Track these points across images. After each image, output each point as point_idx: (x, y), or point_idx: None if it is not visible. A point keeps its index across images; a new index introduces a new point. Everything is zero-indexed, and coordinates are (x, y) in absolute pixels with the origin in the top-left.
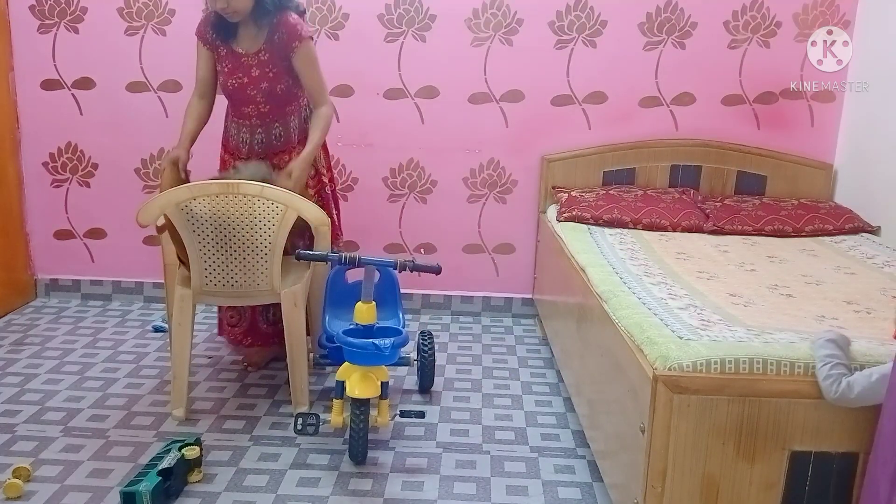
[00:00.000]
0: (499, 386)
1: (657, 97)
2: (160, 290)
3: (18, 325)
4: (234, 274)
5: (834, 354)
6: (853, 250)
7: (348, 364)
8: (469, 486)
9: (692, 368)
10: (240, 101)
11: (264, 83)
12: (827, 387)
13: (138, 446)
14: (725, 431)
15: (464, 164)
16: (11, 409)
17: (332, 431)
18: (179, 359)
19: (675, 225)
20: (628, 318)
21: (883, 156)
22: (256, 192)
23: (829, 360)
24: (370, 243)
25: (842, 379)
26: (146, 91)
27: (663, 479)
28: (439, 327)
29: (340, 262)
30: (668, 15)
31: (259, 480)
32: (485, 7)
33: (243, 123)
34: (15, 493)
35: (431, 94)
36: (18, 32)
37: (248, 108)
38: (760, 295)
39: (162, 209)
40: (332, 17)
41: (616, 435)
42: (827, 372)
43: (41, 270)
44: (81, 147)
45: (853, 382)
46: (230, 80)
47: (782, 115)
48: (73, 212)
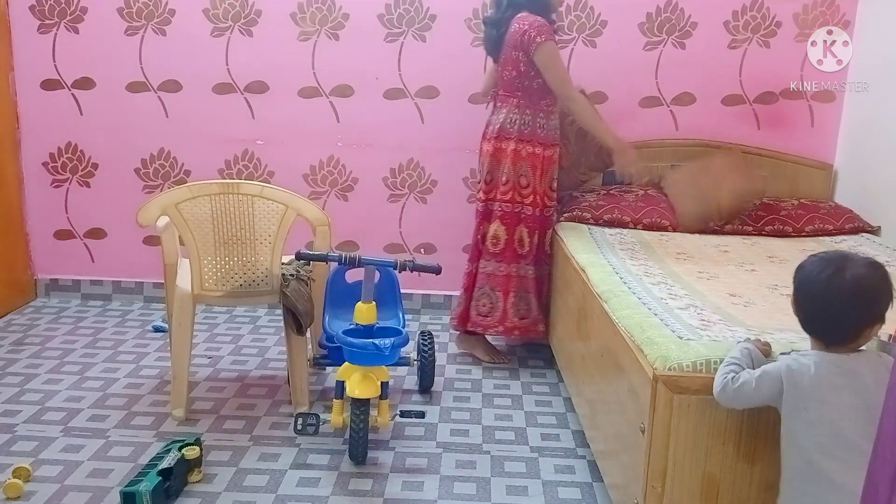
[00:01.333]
0: (499, 386)
1: (657, 97)
2: (160, 290)
3: (18, 325)
4: (235, 274)
5: (738, 359)
6: (853, 250)
7: (348, 364)
8: (469, 486)
9: (692, 368)
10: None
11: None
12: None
13: (138, 446)
14: (725, 431)
15: (464, 164)
16: (11, 409)
17: (332, 431)
18: (179, 359)
19: (675, 225)
20: (628, 318)
21: (883, 156)
22: (256, 192)
23: (730, 362)
24: (370, 243)
25: (729, 376)
26: (146, 91)
27: (663, 480)
28: (439, 327)
29: (340, 262)
30: (668, 15)
31: (259, 480)
32: (485, 7)
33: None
34: (15, 493)
35: (431, 94)
36: (18, 32)
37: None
38: (760, 295)
39: (162, 209)
40: (332, 17)
41: (616, 435)
42: (721, 370)
43: (41, 270)
44: (81, 147)
45: (738, 378)
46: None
47: (782, 115)
48: (73, 212)
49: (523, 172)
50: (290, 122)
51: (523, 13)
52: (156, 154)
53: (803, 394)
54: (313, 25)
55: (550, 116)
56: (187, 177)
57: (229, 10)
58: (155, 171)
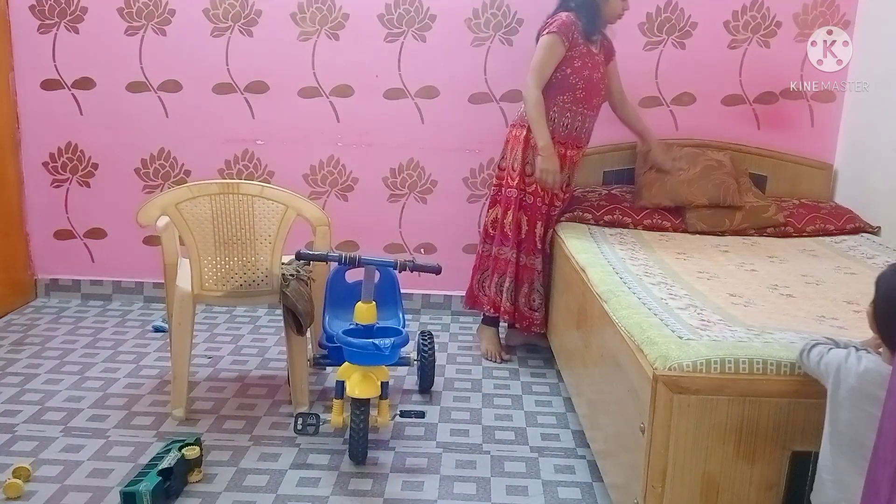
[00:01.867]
0: (499, 386)
1: (657, 97)
2: (160, 290)
3: (18, 325)
4: (235, 274)
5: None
6: (853, 250)
7: (348, 364)
8: (469, 486)
9: (692, 368)
10: (594, 93)
11: (605, 78)
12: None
13: (138, 446)
14: (725, 431)
15: (464, 164)
16: (11, 409)
17: (332, 431)
18: (179, 359)
19: (675, 226)
20: (628, 318)
21: (883, 156)
22: (256, 192)
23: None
24: (370, 243)
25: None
26: (146, 91)
27: (663, 479)
28: (439, 327)
29: (340, 262)
30: (668, 15)
31: (259, 480)
32: (485, 7)
33: (587, 114)
34: (15, 493)
35: (431, 94)
36: (18, 32)
37: (597, 98)
38: (761, 295)
39: (162, 209)
40: (332, 17)
41: (616, 435)
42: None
43: (41, 270)
44: (81, 147)
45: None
46: (594, 73)
47: (782, 115)
48: (73, 212)
49: (529, 161)
50: (290, 122)
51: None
52: (156, 154)
53: (840, 395)
54: (313, 25)
55: (565, 113)
56: (187, 177)
57: (229, 10)
58: (155, 171)
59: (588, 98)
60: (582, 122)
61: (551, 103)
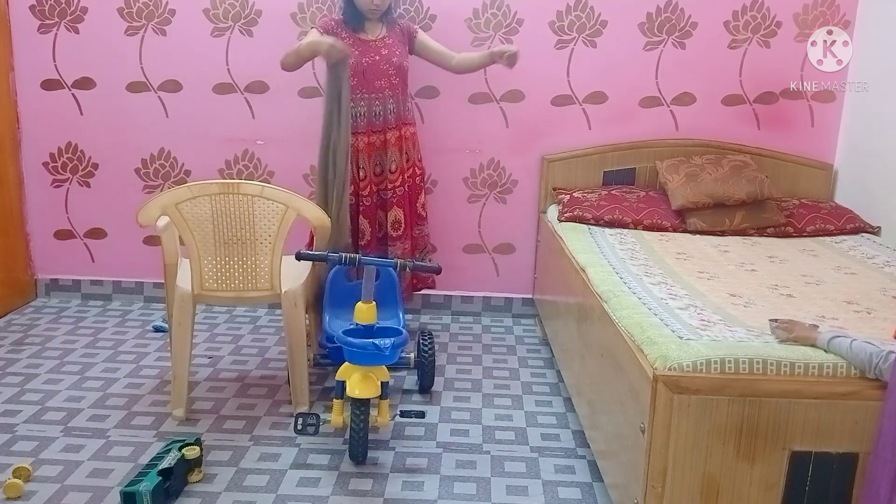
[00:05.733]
0: (499, 386)
1: (657, 97)
2: (160, 290)
3: (18, 325)
4: (235, 274)
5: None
6: (853, 250)
7: (348, 364)
8: (469, 486)
9: (692, 368)
10: (373, 76)
11: (394, 58)
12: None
13: (138, 446)
14: (725, 431)
15: (464, 164)
16: (11, 409)
17: (332, 431)
18: (179, 359)
19: (675, 226)
20: (628, 318)
21: (883, 156)
22: (256, 192)
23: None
24: None
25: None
26: (146, 91)
27: (663, 479)
28: (439, 327)
29: (340, 262)
30: (668, 15)
31: (259, 480)
32: (485, 7)
33: (373, 97)
34: (15, 493)
35: (431, 94)
36: (18, 32)
37: (380, 81)
38: (761, 295)
39: (162, 209)
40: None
41: (616, 435)
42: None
43: (41, 270)
44: (81, 147)
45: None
46: (363, 58)
47: (782, 115)
48: (73, 212)
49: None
50: (290, 122)
51: None
52: (156, 154)
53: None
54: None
55: (359, 103)
56: (187, 177)
57: (229, 10)
58: (155, 171)
59: (368, 82)
60: (369, 106)
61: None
